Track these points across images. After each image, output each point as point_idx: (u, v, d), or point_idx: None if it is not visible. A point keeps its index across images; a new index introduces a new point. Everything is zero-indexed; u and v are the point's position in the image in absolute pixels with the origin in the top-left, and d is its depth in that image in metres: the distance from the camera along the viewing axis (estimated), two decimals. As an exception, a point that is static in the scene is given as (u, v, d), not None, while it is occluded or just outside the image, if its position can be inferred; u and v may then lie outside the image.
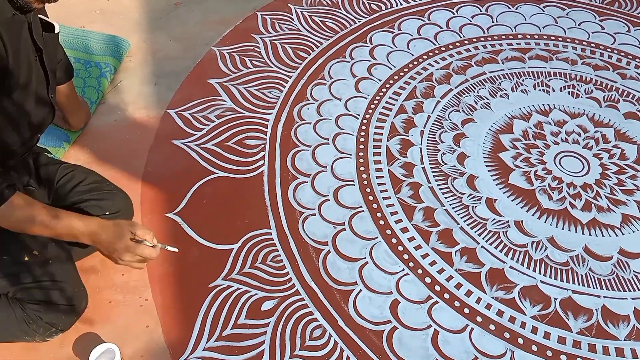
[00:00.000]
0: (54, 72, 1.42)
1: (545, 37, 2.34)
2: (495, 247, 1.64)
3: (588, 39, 2.34)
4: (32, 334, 1.31)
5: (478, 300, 1.52)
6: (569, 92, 2.11)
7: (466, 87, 2.10)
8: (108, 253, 1.30)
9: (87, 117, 1.83)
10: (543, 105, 2.06)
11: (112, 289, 1.48)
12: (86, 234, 1.26)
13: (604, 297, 1.55)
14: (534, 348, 1.44)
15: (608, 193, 1.80)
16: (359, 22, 2.34)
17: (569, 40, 2.33)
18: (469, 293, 1.53)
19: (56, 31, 1.39)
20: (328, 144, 1.88)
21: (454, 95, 2.07)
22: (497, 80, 2.14)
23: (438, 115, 2.00)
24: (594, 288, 1.56)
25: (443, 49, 2.25)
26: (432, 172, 1.82)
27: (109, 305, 1.45)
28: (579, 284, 1.57)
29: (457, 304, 1.51)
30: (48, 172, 1.47)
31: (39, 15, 1.34)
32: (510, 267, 1.60)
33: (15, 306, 1.30)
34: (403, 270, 1.57)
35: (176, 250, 1.40)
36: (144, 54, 2.14)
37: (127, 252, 1.28)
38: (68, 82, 1.63)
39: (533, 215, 1.72)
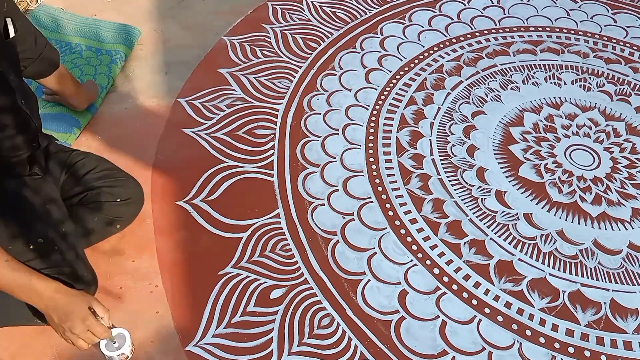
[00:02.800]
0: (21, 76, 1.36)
1: (557, 29, 2.32)
2: (504, 240, 1.64)
3: (600, 32, 2.32)
4: (43, 317, 1.32)
5: (486, 292, 1.52)
6: (580, 86, 2.10)
7: (477, 79, 2.09)
8: (58, 321, 1.19)
9: (91, 96, 1.82)
10: (554, 98, 2.05)
11: (123, 275, 1.49)
12: (45, 294, 1.18)
13: (613, 290, 1.55)
14: (542, 340, 1.44)
15: (618, 187, 1.79)
16: (370, 12, 2.33)
17: (581, 33, 2.31)
18: (477, 284, 1.53)
19: (11, 36, 1.31)
20: (338, 134, 1.88)
21: (465, 87, 2.06)
22: (508, 72, 2.13)
23: (448, 107, 1.99)
24: (602, 281, 1.56)
25: (454, 40, 2.24)
26: (442, 163, 1.82)
27: (120, 291, 1.46)
28: (587, 277, 1.57)
29: (465, 295, 1.51)
30: (59, 160, 1.47)
31: (7, 18, 1.28)
32: (519, 259, 1.59)
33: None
34: (412, 261, 1.57)
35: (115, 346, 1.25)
36: (155, 42, 2.14)
37: (82, 323, 1.18)
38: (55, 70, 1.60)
39: (542, 208, 1.72)
